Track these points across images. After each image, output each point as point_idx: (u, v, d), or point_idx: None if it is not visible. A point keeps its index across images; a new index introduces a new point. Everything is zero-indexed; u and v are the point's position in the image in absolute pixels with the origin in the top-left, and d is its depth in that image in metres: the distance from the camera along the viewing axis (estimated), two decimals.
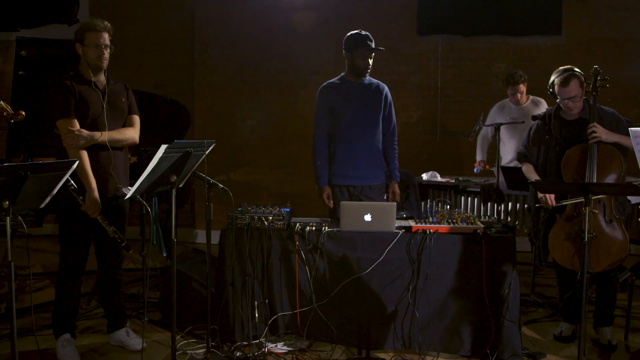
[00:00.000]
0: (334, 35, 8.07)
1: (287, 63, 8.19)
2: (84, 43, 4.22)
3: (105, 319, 4.86)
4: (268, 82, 8.24)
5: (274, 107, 8.26)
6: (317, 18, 8.08)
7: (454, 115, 8.09)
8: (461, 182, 6.20)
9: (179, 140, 3.58)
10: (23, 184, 3.03)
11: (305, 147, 8.23)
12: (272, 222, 4.43)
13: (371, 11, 8.00)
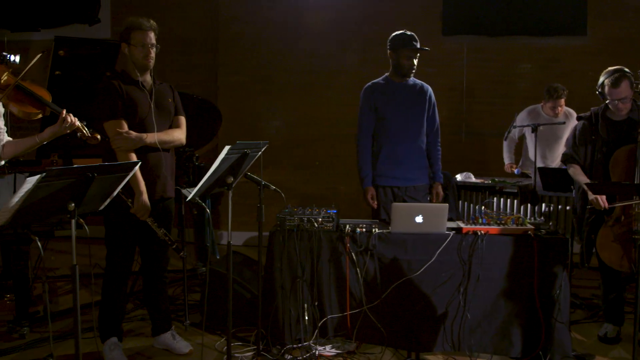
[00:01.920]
0: (358, 35, 8.06)
1: (312, 63, 8.14)
2: (130, 42, 4.18)
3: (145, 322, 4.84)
4: (292, 82, 8.19)
5: (298, 107, 8.21)
6: (342, 18, 8.03)
7: (479, 116, 8.05)
8: (498, 183, 6.16)
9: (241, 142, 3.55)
10: (89, 185, 2.99)
11: (329, 148, 8.26)
12: (322, 224, 4.39)
13: (396, 12, 7.96)
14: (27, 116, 3.42)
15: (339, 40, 8.10)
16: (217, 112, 6.50)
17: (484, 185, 6.21)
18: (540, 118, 6.47)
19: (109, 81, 4.15)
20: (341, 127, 8.05)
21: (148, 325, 4.90)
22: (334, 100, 8.10)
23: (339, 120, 8.07)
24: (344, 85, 8.05)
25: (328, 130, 8.12)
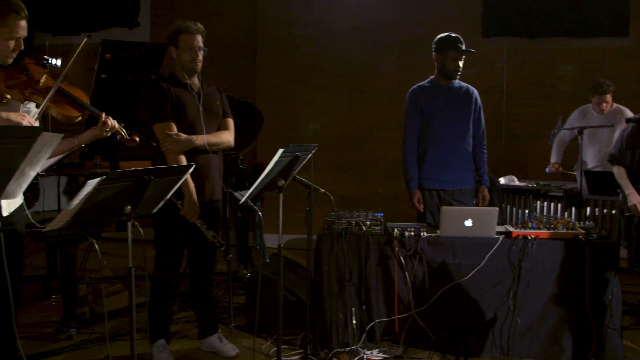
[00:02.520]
0: (397, 38, 8.02)
1: (350, 66, 8.12)
2: (178, 46, 4.19)
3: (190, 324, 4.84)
4: (330, 85, 8.18)
5: (336, 110, 8.19)
6: (380, 21, 8.00)
7: (519, 118, 7.98)
8: (542, 186, 6.08)
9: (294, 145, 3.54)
10: (146, 188, 3.00)
11: (367, 151, 8.23)
12: (370, 227, 4.36)
13: (435, 13, 7.91)
14: (67, 119, 3.40)
15: (377, 43, 8.07)
16: (259, 114, 6.50)
17: (528, 188, 6.14)
18: (589, 116, 6.37)
19: (158, 84, 4.16)
20: (380, 129, 8.04)
21: (193, 328, 4.93)
22: (372, 102, 8.08)
23: (378, 123, 8.06)
24: (382, 88, 8.03)
25: (366, 133, 8.09)
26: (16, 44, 3.24)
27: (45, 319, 5.21)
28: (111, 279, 6.57)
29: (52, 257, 5.82)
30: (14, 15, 3.18)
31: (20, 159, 2.46)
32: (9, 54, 3.25)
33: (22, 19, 3.21)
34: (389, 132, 8.02)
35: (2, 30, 3.17)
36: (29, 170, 2.62)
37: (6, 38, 3.19)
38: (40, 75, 3.36)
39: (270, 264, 5.33)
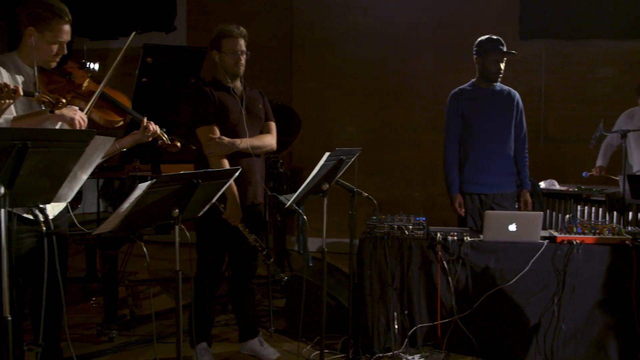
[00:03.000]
0: (433, 40, 7.96)
1: (386, 69, 8.08)
2: (221, 50, 4.21)
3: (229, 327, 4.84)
4: (366, 88, 8.15)
5: (372, 113, 8.15)
6: (416, 23, 7.95)
7: (557, 122, 7.87)
8: (584, 190, 6.00)
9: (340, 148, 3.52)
10: (194, 192, 3.00)
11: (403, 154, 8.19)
12: (412, 232, 4.33)
13: (471, 16, 7.84)
14: (109, 124, 3.41)
15: (412, 46, 8.02)
16: (297, 118, 6.49)
17: (569, 192, 6.06)
18: (636, 119, 6.25)
19: (201, 88, 4.18)
20: (416, 132, 8.00)
21: (233, 331, 4.93)
22: (409, 105, 8.03)
23: (414, 126, 8.01)
24: (418, 91, 7.98)
25: (402, 136, 8.05)
26: (59, 48, 3.27)
27: (85, 320, 5.25)
28: (149, 282, 6.60)
29: (91, 259, 5.86)
30: (58, 20, 3.20)
31: (72, 163, 2.47)
32: (53, 58, 3.28)
33: (66, 24, 3.24)
34: (424, 135, 7.98)
35: (46, 35, 3.19)
36: (80, 174, 2.64)
37: (50, 42, 3.21)
38: (83, 80, 3.37)
39: (309, 267, 5.32)
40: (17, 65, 3.24)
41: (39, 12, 3.18)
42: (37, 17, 3.18)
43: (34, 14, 3.19)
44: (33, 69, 3.26)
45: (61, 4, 3.26)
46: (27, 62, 3.25)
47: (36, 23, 3.18)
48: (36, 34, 3.19)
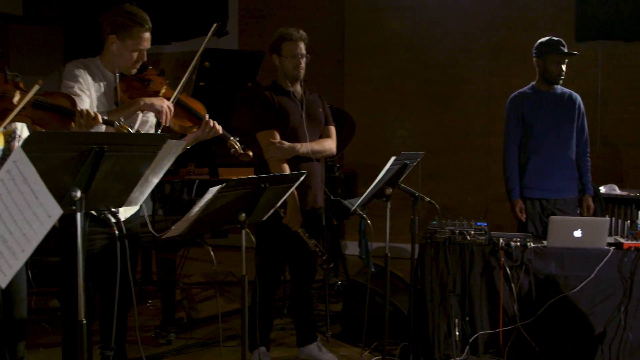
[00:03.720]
0: (486, 43, 7.86)
1: (438, 72, 7.99)
2: (281, 54, 4.20)
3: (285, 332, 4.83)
4: (419, 91, 8.07)
5: (425, 117, 8.07)
6: (469, 26, 7.85)
7: (614, 125, 7.69)
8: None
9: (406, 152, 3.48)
10: (261, 196, 2.99)
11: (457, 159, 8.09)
12: (474, 237, 4.27)
13: (526, 18, 7.72)
14: (184, 130, 3.45)
15: (465, 48, 7.93)
16: (351, 121, 6.47)
17: (630, 197, 5.91)
18: None
19: (262, 92, 4.18)
20: (469, 137, 7.90)
21: (289, 335, 4.93)
22: (462, 109, 7.93)
23: (466, 130, 7.91)
24: (472, 94, 7.89)
25: (455, 140, 7.95)
26: (140, 55, 3.35)
27: (142, 322, 5.28)
28: (203, 285, 6.63)
29: (147, 262, 5.91)
30: (139, 28, 3.30)
31: (145, 167, 2.48)
32: (133, 65, 3.38)
33: (146, 31, 3.33)
34: (477, 139, 7.88)
35: (127, 43, 3.29)
36: (152, 178, 2.64)
37: (131, 50, 3.31)
38: (161, 86, 3.44)
39: (363, 272, 5.27)
40: (101, 70, 3.38)
41: (120, 21, 3.29)
42: (118, 26, 3.30)
43: (115, 22, 3.30)
44: (114, 75, 3.37)
45: (142, 12, 3.35)
46: (109, 68, 3.38)
47: (117, 31, 3.30)
48: (117, 41, 3.30)
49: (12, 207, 1.99)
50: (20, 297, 3.02)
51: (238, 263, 3.07)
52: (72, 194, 2.18)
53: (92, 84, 3.31)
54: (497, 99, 7.70)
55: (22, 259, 2.00)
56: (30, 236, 1.96)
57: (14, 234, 1.99)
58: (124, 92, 3.33)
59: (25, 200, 1.96)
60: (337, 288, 6.03)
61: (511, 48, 7.69)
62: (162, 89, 3.43)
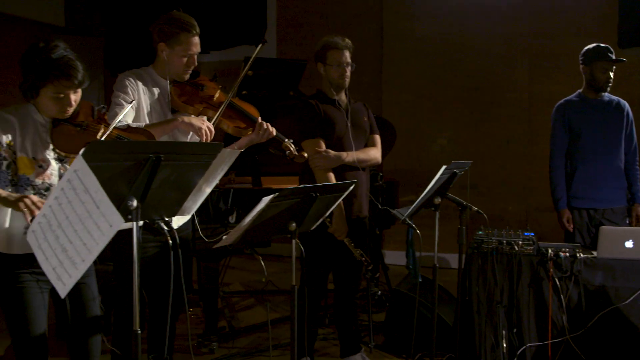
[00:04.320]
0: (527, 50, 7.77)
1: (478, 80, 7.91)
2: (326, 62, 4.19)
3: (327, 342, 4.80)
4: (458, 99, 8.00)
5: (464, 125, 7.99)
6: (510, 34, 7.77)
7: None
8: None
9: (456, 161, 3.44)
10: (312, 205, 2.97)
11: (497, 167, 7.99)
12: (522, 247, 4.19)
13: (568, 25, 7.61)
14: (239, 133, 3.48)
15: (506, 56, 7.84)
16: (392, 129, 6.43)
17: None
18: None
19: (307, 100, 4.17)
20: (510, 145, 7.80)
21: (331, 346, 4.90)
22: (502, 117, 7.84)
23: (507, 138, 7.81)
24: (512, 102, 7.79)
25: (495, 148, 7.86)
26: (190, 60, 3.40)
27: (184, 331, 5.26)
28: (243, 293, 6.62)
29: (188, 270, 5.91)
30: (186, 34, 3.35)
31: (199, 176, 2.47)
32: (184, 70, 3.42)
33: (194, 36, 3.37)
34: (518, 148, 7.78)
35: (175, 49, 3.34)
36: (205, 187, 2.64)
37: (180, 55, 3.36)
38: (214, 91, 3.49)
39: (406, 282, 5.22)
40: (153, 78, 3.46)
41: (168, 28, 3.36)
42: (166, 33, 3.36)
43: (163, 30, 3.36)
44: (167, 82, 3.45)
45: (188, 18, 3.39)
46: (162, 75, 3.45)
47: (166, 39, 3.36)
48: (167, 49, 3.36)
49: (72, 217, 1.99)
50: (92, 295, 3.02)
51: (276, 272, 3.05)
52: (128, 204, 2.17)
53: (145, 91, 3.38)
54: (538, 106, 7.62)
55: (82, 269, 2.00)
56: (90, 246, 1.96)
57: (74, 244, 1.99)
58: (179, 97, 3.38)
59: (86, 210, 1.96)
60: (378, 298, 5.98)
61: (552, 55, 7.59)
62: (215, 93, 3.50)
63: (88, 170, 1.94)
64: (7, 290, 2.82)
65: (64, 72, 2.71)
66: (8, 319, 2.85)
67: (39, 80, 2.73)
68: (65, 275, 2.02)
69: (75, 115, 2.89)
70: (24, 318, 2.81)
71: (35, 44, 2.78)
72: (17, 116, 2.80)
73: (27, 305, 2.81)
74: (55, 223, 2.04)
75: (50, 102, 2.78)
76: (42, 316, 2.86)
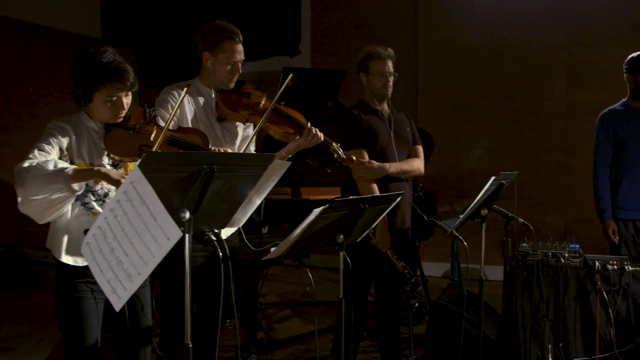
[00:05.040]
0: (564, 59, 7.66)
1: (515, 89, 7.83)
2: (369, 72, 4.14)
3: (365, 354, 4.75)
4: (495, 109, 7.92)
5: (501, 135, 7.91)
6: (547, 42, 7.68)
7: None
8: None
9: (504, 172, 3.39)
10: (360, 217, 2.94)
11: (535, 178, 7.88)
12: (568, 259, 4.12)
13: (606, 32, 7.50)
14: (286, 138, 3.49)
15: (543, 64, 7.74)
16: (430, 139, 6.37)
17: None
18: None
19: (349, 110, 4.13)
20: (548, 155, 7.69)
21: (370, 359, 4.84)
22: (539, 127, 7.74)
23: (545, 148, 7.71)
24: (550, 112, 7.69)
25: (533, 159, 7.75)
26: (234, 68, 3.41)
27: (222, 343, 5.25)
28: (279, 305, 6.59)
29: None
30: (229, 42, 3.38)
31: (250, 187, 2.44)
32: (229, 78, 3.44)
33: (237, 44, 3.39)
34: (556, 158, 7.67)
35: (219, 57, 3.37)
36: (255, 199, 2.61)
37: (224, 63, 3.39)
38: (260, 98, 3.51)
39: (445, 294, 5.15)
40: (198, 88, 3.49)
41: (211, 37, 3.40)
42: (210, 42, 3.40)
43: (207, 39, 3.39)
44: (212, 91, 3.47)
45: (231, 26, 3.41)
46: (207, 85, 3.48)
47: (210, 47, 3.40)
48: (211, 57, 3.40)
49: (128, 229, 1.97)
50: (146, 302, 3.02)
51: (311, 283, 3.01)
52: (180, 215, 2.15)
53: (190, 101, 3.41)
54: (576, 115, 7.52)
55: (138, 282, 1.98)
56: (147, 258, 1.94)
57: (130, 256, 1.97)
58: (225, 104, 3.39)
59: (143, 222, 1.94)
60: (415, 310, 5.91)
61: (590, 63, 7.49)
62: (261, 100, 3.52)
63: (145, 182, 1.91)
64: (65, 300, 2.82)
65: (116, 75, 2.74)
66: (63, 328, 2.84)
67: (92, 85, 2.75)
68: (120, 288, 2.00)
69: (127, 119, 2.91)
70: (79, 328, 2.80)
71: (84, 50, 2.81)
72: (71, 125, 2.82)
73: (83, 315, 2.80)
74: (111, 235, 2.02)
75: (103, 107, 2.80)
76: (96, 327, 2.85)
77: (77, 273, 2.79)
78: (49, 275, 7.57)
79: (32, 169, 2.56)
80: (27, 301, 6.82)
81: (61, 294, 2.83)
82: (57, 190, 2.56)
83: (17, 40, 8.20)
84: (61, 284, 2.83)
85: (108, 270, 2.03)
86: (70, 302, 2.81)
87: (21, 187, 2.56)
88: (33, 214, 2.63)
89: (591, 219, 7.53)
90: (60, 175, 2.55)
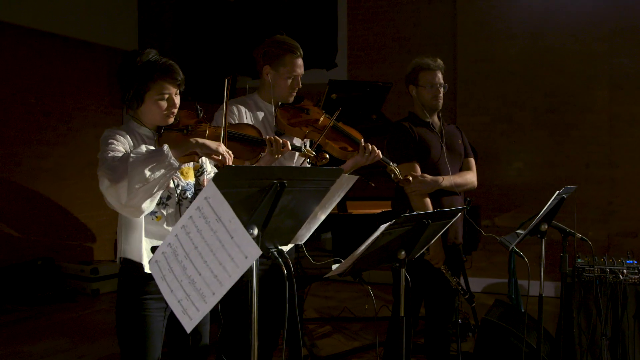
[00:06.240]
0: (606, 70, 7.53)
1: (556, 101, 7.70)
2: (418, 84, 4.08)
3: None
4: (535, 121, 7.79)
5: (542, 148, 7.77)
6: (589, 53, 7.54)
7: None
8: None
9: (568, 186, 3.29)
10: (423, 233, 2.85)
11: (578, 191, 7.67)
12: (626, 276, 4.00)
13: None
14: (344, 155, 3.44)
15: (585, 75, 7.61)
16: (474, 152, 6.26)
17: None
18: None
19: (400, 123, 4.06)
20: (590, 168, 7.55)
21: None
22: (581, 139, 7.60)
23: (587, 161, 7.56)
24: (593, 123, 7.55)
25: (575, 172, 7.60)
26: (294, 82, 3.40)
27: None
28: (319, 320, 6.51)
29: None
30: (290, 55, 3.37)
31: (316, 202, 2.37)
32: (290, 92, 3.43)
33: (298, 58, 3.39)
34: (599, 171, 7.52)
35: (280, 71, 3.35)
36: (320, 214, 2.54)
37: (285, 77, 3.38)
38: (319, 115, 3.48)
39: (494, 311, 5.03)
40: (257, 103, 3.50)
41: (273, 51, 3.41)
42: (270, 56, 3.40)
43: (267, 53, 3.40)
44: (271, 105, 3.47)
45: (291, 40, 3.40)
46: (267, 99, 3.48)
47: (271, 61, 3.40)
48: (272, 71, 3.40)
49: (202, 247, 1.91)
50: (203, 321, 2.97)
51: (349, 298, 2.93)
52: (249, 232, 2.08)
53: (249, 116, 3.41)
54: (618, 127, 7.39)
55: (212, 303, 1.90)
56: (222, 278, 1.86)
57: (203, 275, 1.90)
58: (285, 119, 3.36)
59: (218, 239, 1.87)
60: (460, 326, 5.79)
61: (633, 75, 7.35)
62: (320, 117, 3.50)
63: (221, 197, 1.85)
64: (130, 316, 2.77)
65: (167, 71, 2.74)
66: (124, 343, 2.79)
67: (144, 84, 2.73)
68: (192, 309, 1.93)
69: (177, 122, 2.88)
70: (142, 345, 2.75)
71: (129, 54, 2.79)
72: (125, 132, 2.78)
73: (148, 332, 2.75)
74: (182, 253, 1.95)
75: (155, 107, 2.77)
76: (159, 347, 2.80)
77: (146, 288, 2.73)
78: (85, 290, 7.56)
79: (125, 159, 2.50)
80: (65, 315, 6.79)
81: (126, 310, 2.78)
82: (158, 169, 2.49)
83: (54, 54, 8.24)
84: (129, 300, 2.77)
85: (179, 289, 1.96)
86: (136, 319, 2.75)
87: (122, 180, 2.47)
88: (140, 203, 2.53)
89: (635, 233, 7.38)
90: (160, 153, 2.51)
